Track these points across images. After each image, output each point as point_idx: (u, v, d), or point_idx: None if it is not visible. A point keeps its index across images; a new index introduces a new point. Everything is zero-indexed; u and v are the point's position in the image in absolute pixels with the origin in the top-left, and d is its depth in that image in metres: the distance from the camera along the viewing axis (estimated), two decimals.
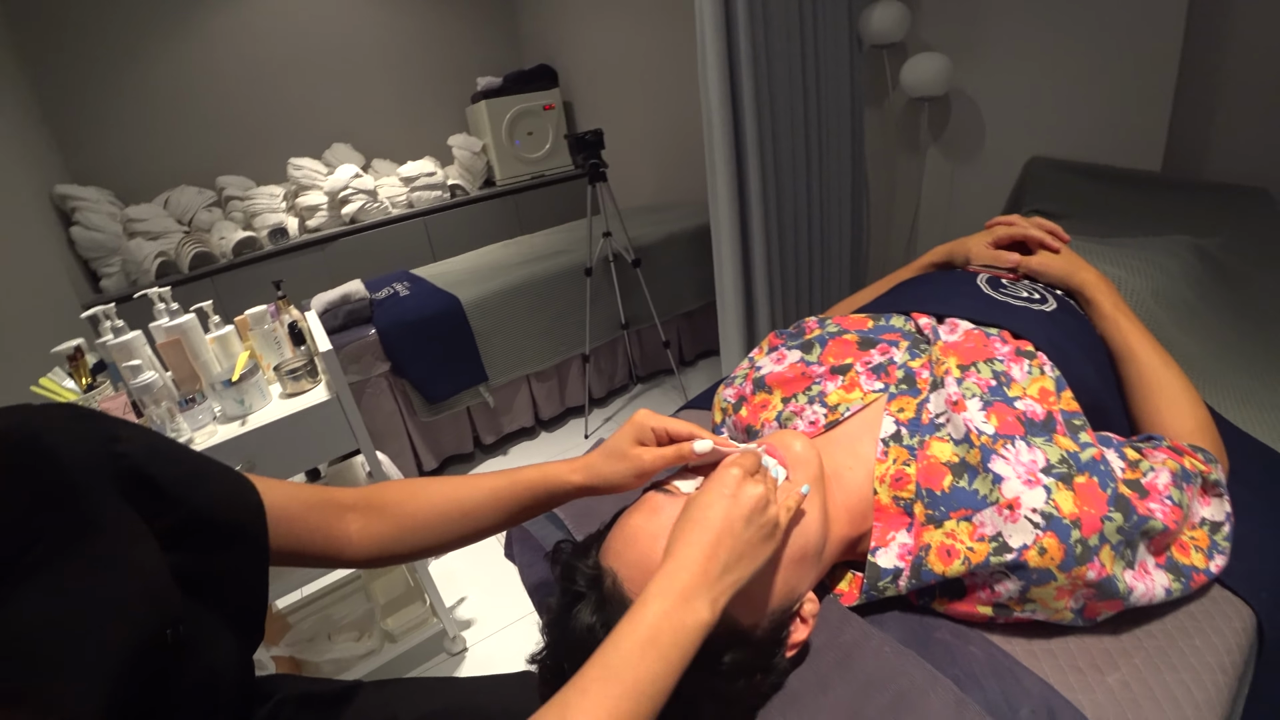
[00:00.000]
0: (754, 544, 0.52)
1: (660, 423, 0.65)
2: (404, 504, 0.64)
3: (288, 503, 0.57)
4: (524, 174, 4.08)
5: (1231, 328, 1.16)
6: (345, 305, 2.33)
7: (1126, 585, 0.60)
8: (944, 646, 0.65)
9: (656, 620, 0.47)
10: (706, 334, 3.11)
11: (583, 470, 0.65)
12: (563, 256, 2.72)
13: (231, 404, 1.30)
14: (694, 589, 0.49)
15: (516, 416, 2.67)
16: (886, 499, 0.67)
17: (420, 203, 3.82)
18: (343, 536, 0.61)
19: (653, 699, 0.45)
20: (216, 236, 3.35)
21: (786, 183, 1.90)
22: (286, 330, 1.50)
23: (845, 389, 0.77)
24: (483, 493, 0.65)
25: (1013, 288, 0.87)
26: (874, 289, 1.08)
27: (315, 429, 1.33)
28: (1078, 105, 1.94)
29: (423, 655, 1.70)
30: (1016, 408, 0.66)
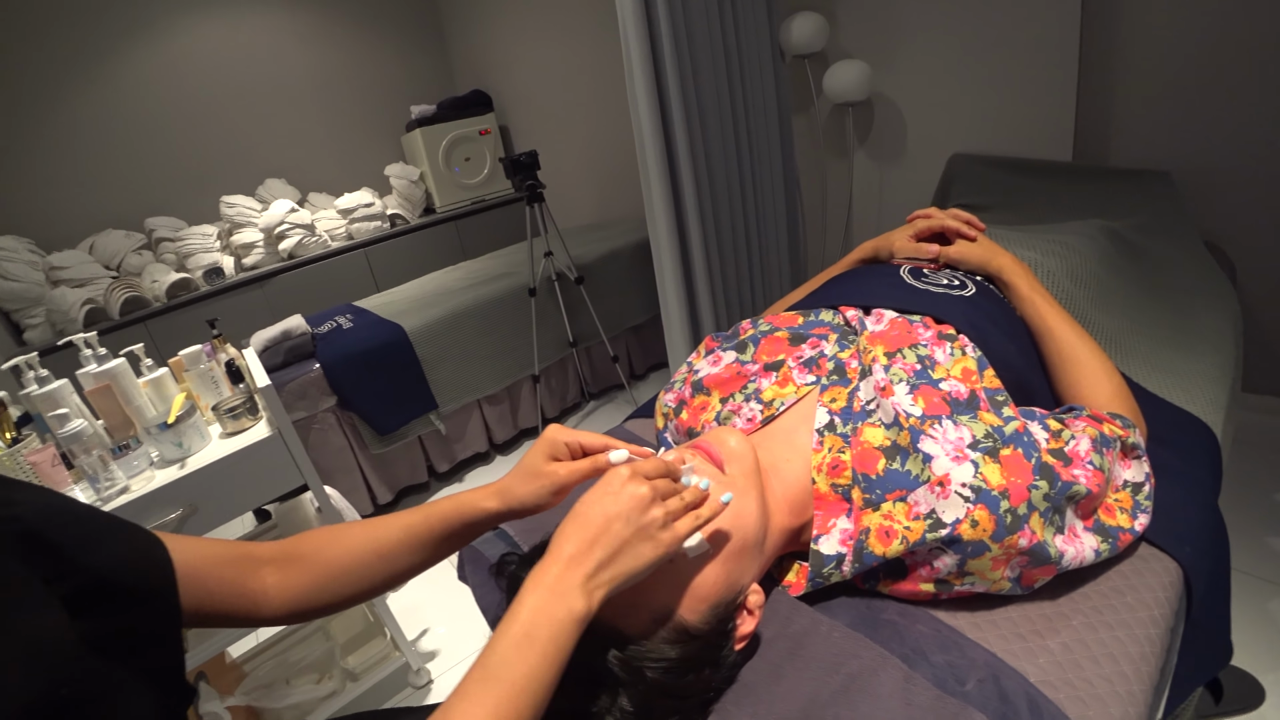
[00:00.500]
0: (632, 544, 0.51)
1: (573, 436, 0.63)
2: (321, 552, 0.61)
3: (199, 560, 0.54)
4: (464, 200, 4.06)
5: (1142, 302, 1.22)
6: (286, 341, 2.26)
7: (1058, 550, 0.63)
8: (892, 626, 0.66)
9: (531, 615, 0.47)
10: (655, 347, 3.12)
11: (497, 495, 0.63)
12: (506, 279, 2.71)
13: (169, 447, 1.25)
14: (568, 582, 0.48)
15: (470, 443, 2.63)
16: (825, 487, 0.68)
17: (360, 234, 3.76)
18: (259, 592, 0.58)
19: (533, 695, 0.45)
20: (148, 280, 3.23)
21: (721, 193, 1.94)
22: (224, 369, 1.45)
23: (779, 384, 0.79)
24: (397, 531, 0.62)
25: (933, 276, 0.91)
26: (805, 288, 1.11)
27: (259, 467, 1.29)
28: (991, 102, 2.03)
29: (387, 692, 1.65)
30: (942, 389, 0.69)
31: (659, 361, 3.17)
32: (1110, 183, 1.71)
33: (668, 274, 1.87)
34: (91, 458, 1.14)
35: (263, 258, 3.51)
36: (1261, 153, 1.70)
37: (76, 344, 1.32)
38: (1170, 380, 1.05)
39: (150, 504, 1.18)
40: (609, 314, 2.79)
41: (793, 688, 0.60)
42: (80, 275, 3.09)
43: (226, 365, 1.44)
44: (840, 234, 2.59)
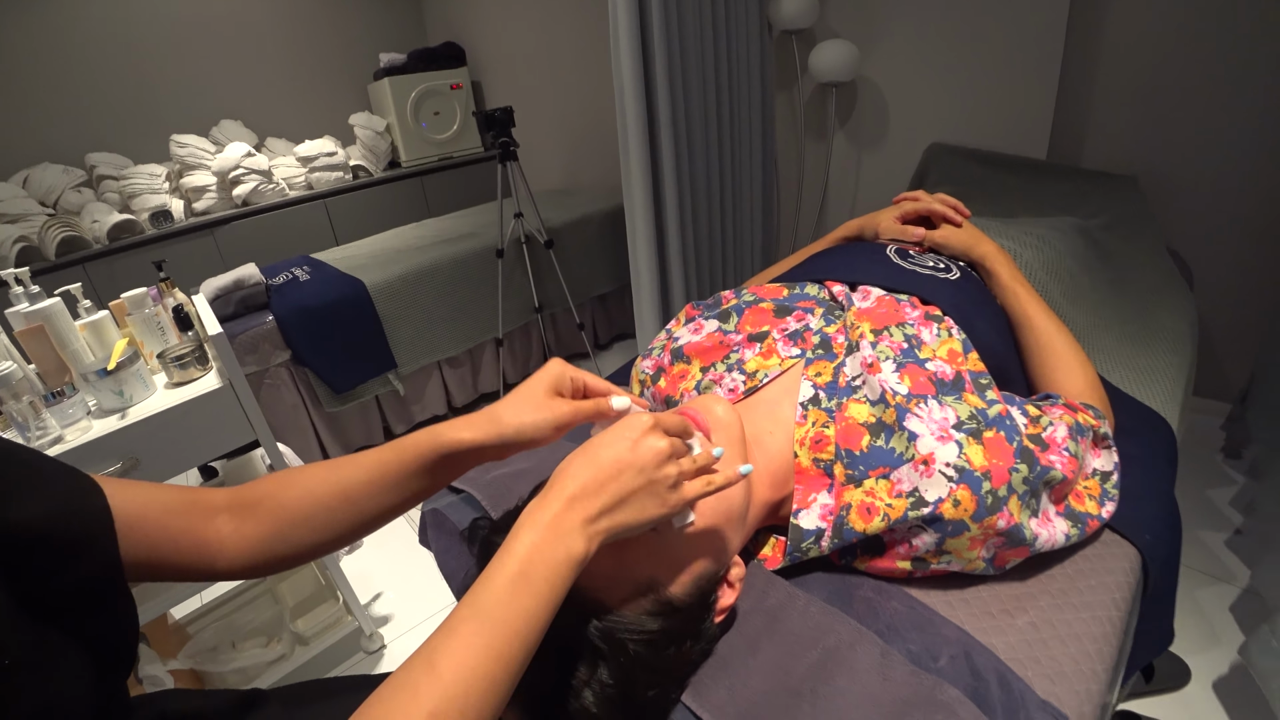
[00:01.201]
0: (639, 496, 0.48)
1: (578, 374, 0.60)
2: (277, 495, 0.55)
3: (143, 508, 0.49)
4: (431, 155, 3.93)
5: (1108, 299, 1.25)
6: (238, 291, 2.16)
7: (1032, 532, 0.64)
8: (867, 603, 0.67)
9: (528, 553, 0.44)
10: (620, 318, 3.12)
11: (484, 424, 0.55)
12: (473, 239, 2.64)
13: (109, 396, 1.18)
14: (569, 522, 0.46)
15: (428, 405, 2.58)
16: (807, 461, 0.68)
17: (320, 184, 3.61)
18: (214, 542, 0.53)
19: (524, 637, 0.42)
20: (88, 220, 3.03)
21: (699, 165, 1.91)
22: (171, 315, 1.37)
23: (763, 356, 0.78)
24: (365, 470, 0.56)
25: (919, 258, 0.91)
26: (789, 261, 1.10)
27: (207, 420, 1.23)
28: (974, 96, 2.04)
29: (338, 656, 1.62)
30: (928, 368, 0.68)
31: (623, 332, 3.16)
32: (1081, 183, 1.75)
33: (640, 244, 1.84)
34: (21, 404, 1.07)
35: (215, 203, 3.34)
36: (1224, 165, 1.75)
37: (6, 280, 1.22)
38: (1133, 375, 1.08)
39: (87, 455, 1.11)
40: (577, 281, 2.75)
41: (769, 661, 0.60)
42: (12, 210, 2.89)
43: (174, 311, 1.36)
44: (814, 216, 2.59)
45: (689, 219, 1.92)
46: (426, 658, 0.41)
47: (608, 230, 2.85)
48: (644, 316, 1.95)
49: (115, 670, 0.49)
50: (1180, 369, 1.13)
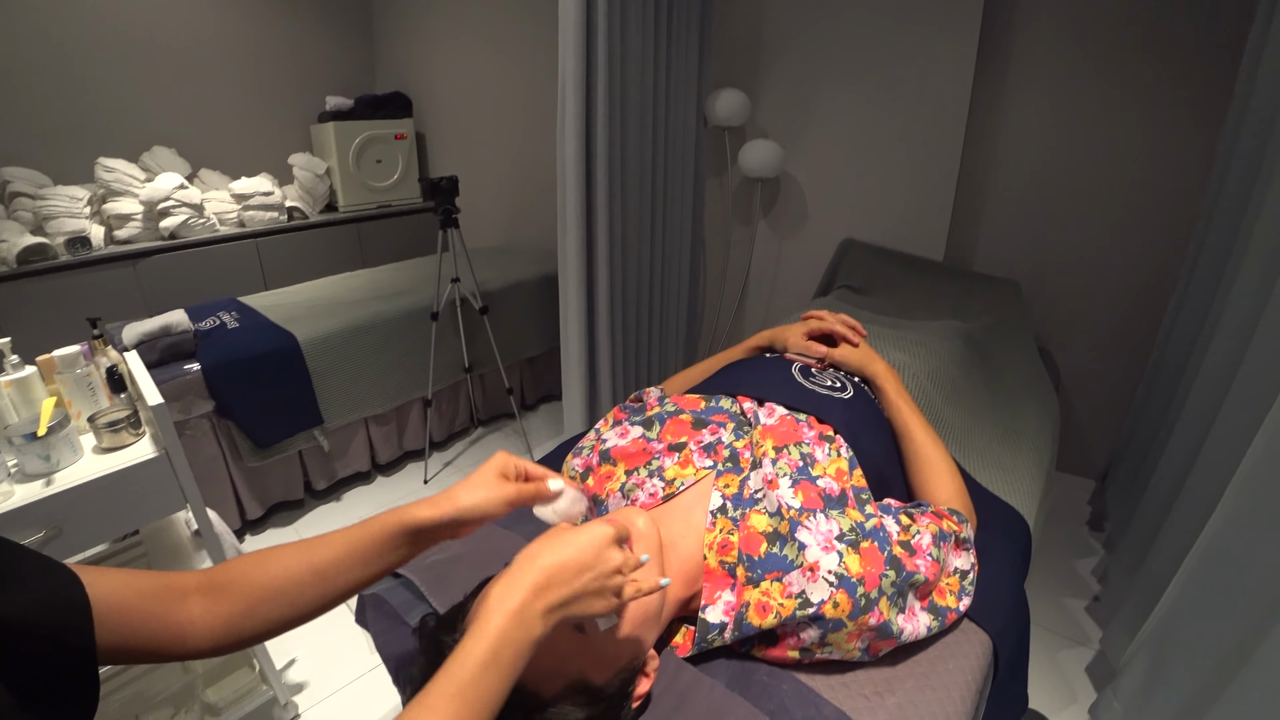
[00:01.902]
0: (591, 595, 0.57)
1: (520, 463, 0.68)
2: (250, 574, 0.59)
3: (120, 594, 0.51)
4: (369, 203, 3.94)
5: (983, 400, 1.44)
6: (166, 338, 2.11)
7: (899, 627, 0.76)
8: (762, 686, 0.77)
9: (498, 637, 0.51)
10: (548, 379, 3.17)
11: (443, 503, 0.63)
12: (407, 297, 2.67)
13: (34, 460, 1.14)
14: (532, 609, 0.53)
15: (352, 460, 2.55)
16: (714, 563, 0.79)
17: (253, 223, 3.53)
18: (186, 623, 0.55)
19: (493, 711, 0.50)
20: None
21: (632, 241, 2.04)
22: (104, 374, 1.35)
23: (681, 465, 0.89)
24: (336, 548, 0.61)
25: (820, 376, 1.05)
26: (707, 366, 1.23)
27: (137, 488, 1.20)
28: (883, 198, 2.29)
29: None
30: (819, 485, 0.81)
31: (550, 393, 3.22)
32: (971, 284, 1.98)
33: (571, 315, 1.93)
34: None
35: (139, 232, 3.18)
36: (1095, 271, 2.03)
37: None
38: (998, 475, 1.25)
39: (7, 524, 1.06)
40: (507, 342, 2.81)
41: None
42: None
43: (108, 372, 1.34)
44: (736, 296, 2.79)
45: (619, 290, 2.03)
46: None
47: (540, 293, 2.93)
48: (571, 385, 2.03)
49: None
50: (1040, 467, 1.32)
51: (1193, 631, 1.07)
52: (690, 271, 2.35)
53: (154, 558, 1.47)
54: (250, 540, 2.30)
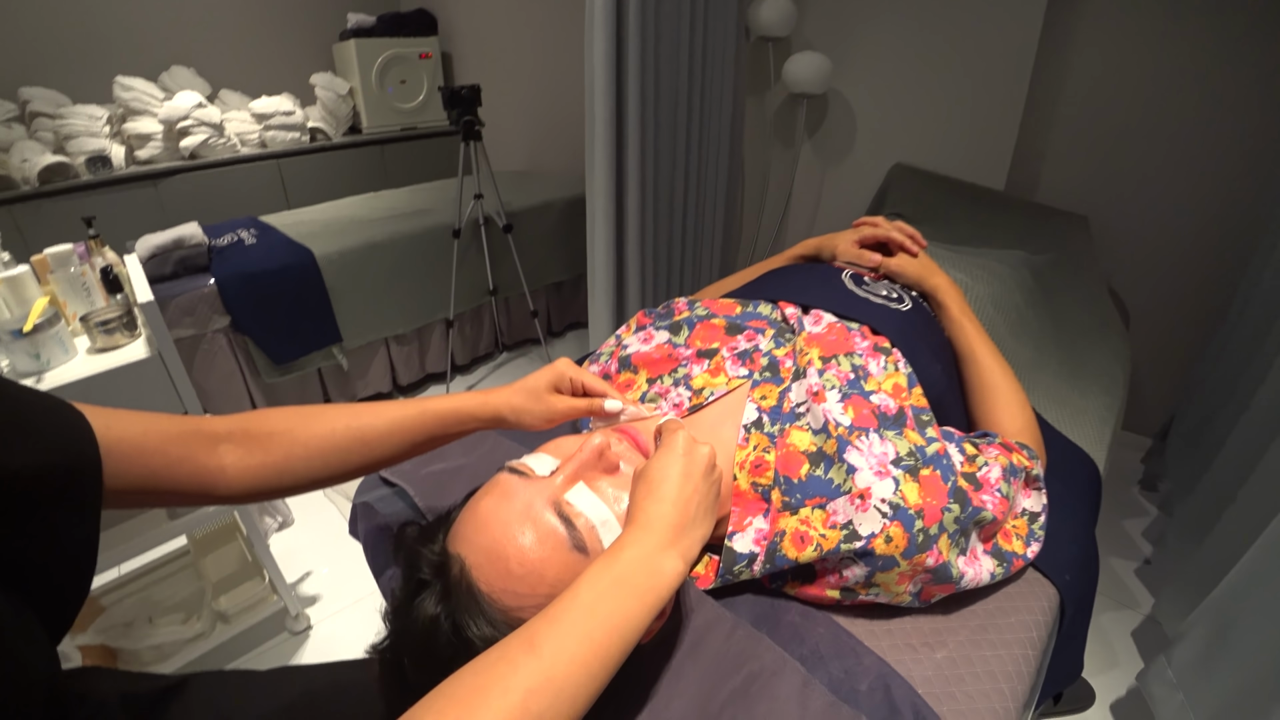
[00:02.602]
0: (710, 498, 0.53)
1: (579, 375, 0.66)
2: (293, 431, 0.58)
3: (140, 438, 0.50)
4: (393, 125, 3.80)
5: (1049, 336, 1.29)
6: (178, 250, 2.05)
7: (959, 570, 0.65)
8: (793, 628, 0.67)
9: (632, 563, 0.47)
10: (575, 306, 3.09)
11: (502, 404, 0.65)
12: (429, 216, 2.57)
13: (23, 358, 1.10)
14: (666, 544, 0.49)
15: (372, 381, 2.51)
16: (745, 485, 0.67)
17: (274, 144, 3.44)
18: (215, 469, 0.55)
19: (624, 636, 0.44)
20: (17, 158, 2.80)
21: (665, 163, 1.89)
22: (99, 275, 1.29)
23: (711, 373, 0.77)
24: (386, 422, 0.62)
25: (873, 286, 0.91)
26: (744, 275, 1.09)
27: (130, 390, 1.16)
28: (940, 121, 2.08)
29: (261, 636, 1.57)
30: (872, 401, 0.69)
31: (576, 321, 3.14)
32: (1033, 218, 1.80)
33: (599, 236, 1.81)
34: None
35: (159, 153, 3.14)
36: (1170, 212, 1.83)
37: None
38: (1065, 414, 1.11)
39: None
40: (533, 267, 2.70)
41: (692, 683, 0.59)
42: None
43: (102, 272, 1.28)
44: (775, 225, 2.61)
45: (650, 214, 1.90)
46: (527, 638, 0.42)
47: (568, 218, 2.81)
48: (597, 309, 1.93)
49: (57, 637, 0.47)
50: (1110, 411, 1.18)
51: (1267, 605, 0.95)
52: (726, 196, 2.19)
53: None
54: None
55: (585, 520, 0.54)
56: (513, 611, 0.50)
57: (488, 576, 0.51)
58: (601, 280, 1.86)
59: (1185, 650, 1.14)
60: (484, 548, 0.52)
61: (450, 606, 0.51)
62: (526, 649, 0.41)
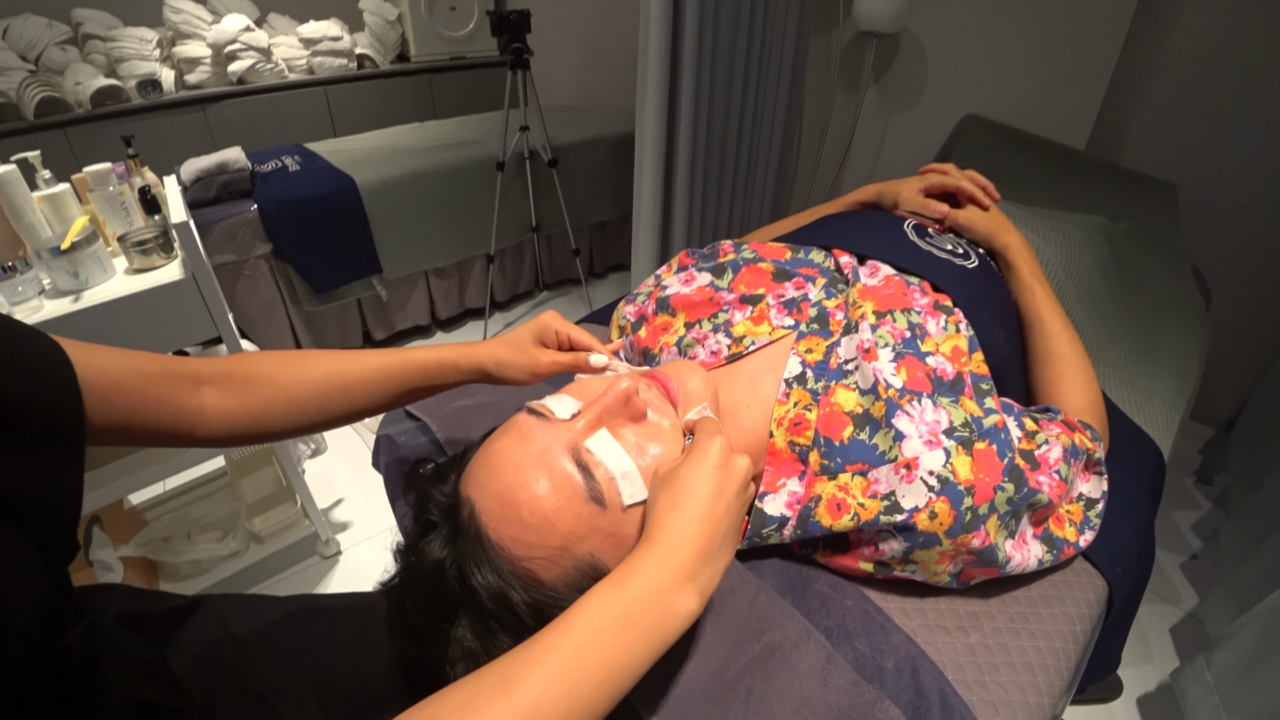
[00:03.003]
0: (739, 521, 0.48)
1: (565, 327, 0.64)
2: (275, 376, 0.57)
3: (119, 374, 0.49)
4: (442, 53, 3.70)
5: (1121, 310, 1.19)
6: (221, 175, 2.04)
7: (1005, 555, 0.60)
8: (820, 598, 0.63)
9: (642, 595, 0.41)
10: (618, 248, 3.03)
11: (485, 356, 0.63)
12: (474, 147, 2.51)
13: (63, 276, 1.10)
14: (685, 575, 0.42)
15: (411, 313, 2.51)
16: (782, 443, 0.63)
17: (322, 70, 3.39)
18: (195, 411, 0.53)
19: (618, 684, 0.39)
20: (71, 81, 2.81)
21: (720, 100, 1.79)
22: (137, 195, 1.27)
23: (753, 321, 0.72)
24: (369, 370, 0.60)
25: (938, 238, 0.84)
26: (796, 219, 1.02)
27: (166, 311, 1.16)
28: (1020, 71, 1.92)
29: (292, 558, 1.62)
30: (928, 363, 0.63)
31: (619, 263, 3.08)
32: (1115, 182, 1.66)
33: (647, 174, 1.74)
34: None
35: (208, 77, 3.11)
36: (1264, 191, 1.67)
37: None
38: (1132, 396, 1.03)
39: None
40: (577, 205, 2.64)
41: (708, 648, 0.56)
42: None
43: (140, 192, 1.26)
44: (832, 173, 2.48)
45: (701, 154, 1.81)
46: (503, 676, 0.37)
47: (615, 156, 2.72)
48: (641, 249, 1.87)
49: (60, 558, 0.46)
50: (1181, 396, 1.09)
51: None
52: (783, 140, 2.07)
53: None
54: None
55: (605, 471, 0.50)
56: (520, 562, 0.47)
57: (497, 523, 0.48)
58: (646, 221, 1.80)
59: (1228, 654, 1.08)
60: (495, 493, 0.49)
61: (457, 551, 0.48)
62: (500, 689, 0.36)
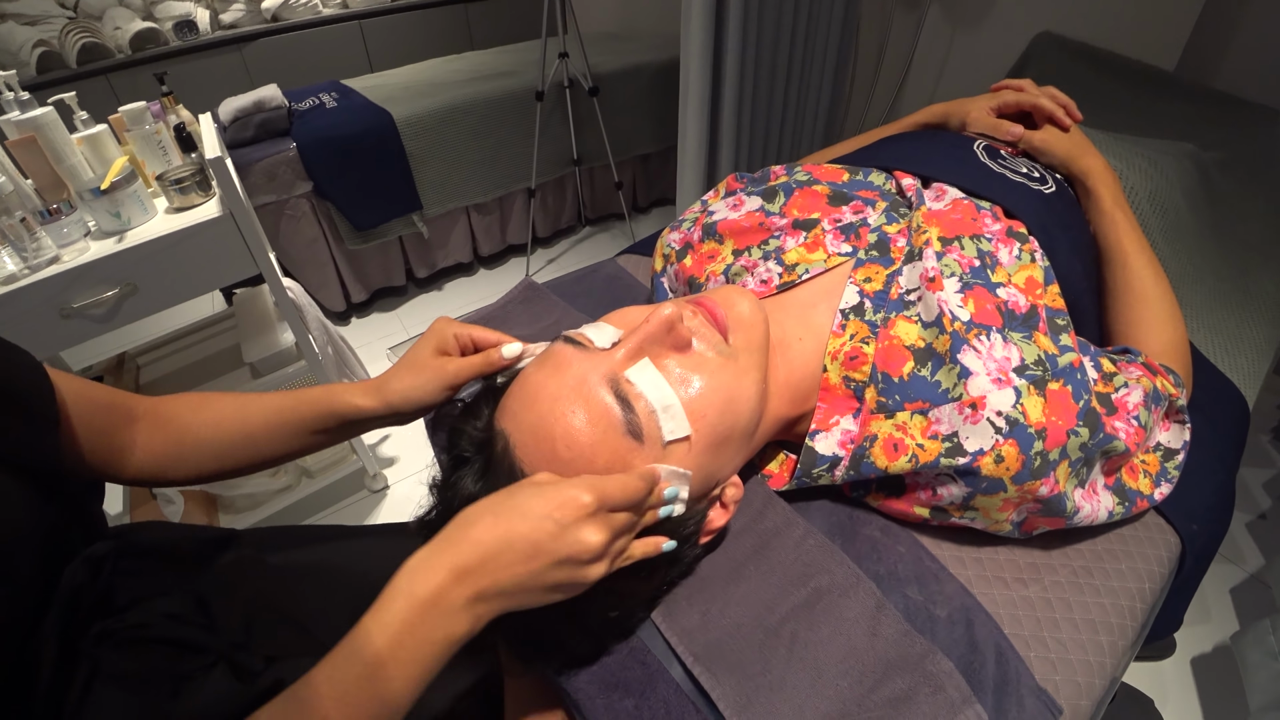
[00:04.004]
0: (544, 588, 0.41)
1: (463, 329, 0.57)
2: (184, 417, 0.55)
3: (75, 398, 0.48)
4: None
5: (1208, 248, 1.09)
6: (259, 113, 2.02)
7: (1074, 505, 0.55)
8: (871, 543, 0.60)
9: (402, 630, 0.37)
10: (662, 181, 2.94)
11: (374, 391, 0.55)
12: (512, 78, 2.42)
13: (105, 217, 1.10)
14: (454, 599, 0.38)
15: (453, 251, 2.50)
16: (836, 378, 0.59)
17: (357, 3, 3.33)
18: (127, 447, 0.52)
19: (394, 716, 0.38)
20: (109, 26, 2.81)
21: (770, 23, 1.68)
22: (173, 133, 1.26)
23: (807, 247, 0.66)
24: (266, 413, 0.56)
25: (1011, 161, 0.76)
26: (853, 142, 0.94)
27: (207, 249, 1.16)
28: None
29: (341, 492, 1.66)
30: (998, 295, 0.57)
31: (663, 197, 3.00)
32: (1208, 106, 1.50)
33: (692, 101, 1.65)
34: (13, 219, 0.99)
35: (242, 16, 3.08)
36: None
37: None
38: (1217, 341, 0.95)
39: (84, 278, 1.05)
40: (619, 135, 2.54)
41: (752, 591, 0.54)
42: (30, 10, 2.70)
43: (176, 129, 1.25)
44: (889, 97, 2.32)
45: (749, 80, 1.71)
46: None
47: (659, 84, 2.60)
48: (686, 182, 1.80)
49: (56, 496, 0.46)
50: (1271, 344, 1.01)
51: None
52: (837, 60, 1.93)
53: (243, 330, 1.47)
54: (356, 323, 2.37)
55: (645, 403, 0.46)
56: None
57: (532, 457, 0.46)
58: (692, 151, 1.72)
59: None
60: (530, 425, 0.47)
61: (490, 486, 0.46)
62: None
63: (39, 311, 1.04)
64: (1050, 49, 1.70)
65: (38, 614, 0.43)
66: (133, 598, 0.50)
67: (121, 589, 0.50)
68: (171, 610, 0.51)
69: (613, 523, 0.42)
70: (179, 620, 0.51)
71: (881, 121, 2.32)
